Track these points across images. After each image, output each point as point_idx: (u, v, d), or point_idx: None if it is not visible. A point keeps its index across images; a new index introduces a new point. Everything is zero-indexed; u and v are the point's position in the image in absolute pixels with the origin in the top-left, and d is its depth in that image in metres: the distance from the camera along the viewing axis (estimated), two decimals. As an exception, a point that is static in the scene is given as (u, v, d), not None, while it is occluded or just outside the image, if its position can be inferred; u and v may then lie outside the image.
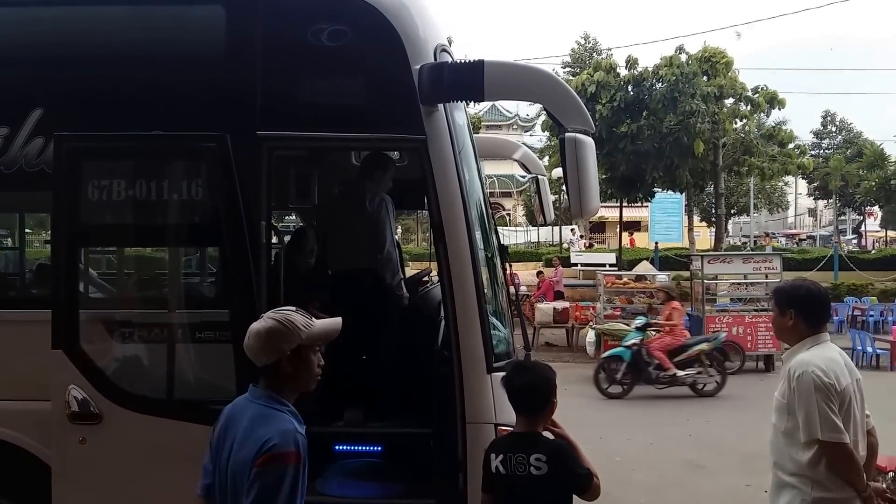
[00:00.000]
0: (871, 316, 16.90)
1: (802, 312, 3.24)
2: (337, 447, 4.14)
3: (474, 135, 4.29)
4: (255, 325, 2.19)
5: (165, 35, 3.64)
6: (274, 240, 4.98)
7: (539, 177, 5.37)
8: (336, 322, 2.31)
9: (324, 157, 5.50)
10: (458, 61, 3.28)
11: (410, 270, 6.70)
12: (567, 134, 3.14)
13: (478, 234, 3.39)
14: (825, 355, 3.13)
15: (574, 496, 2.79)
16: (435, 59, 3.31)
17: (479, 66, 3.17)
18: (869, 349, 13.01)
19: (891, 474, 3.76)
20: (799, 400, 3.04)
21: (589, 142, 3.16)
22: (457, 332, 3.29)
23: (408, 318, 4.63)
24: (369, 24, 3.35)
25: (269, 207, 3.63)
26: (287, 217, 9.02)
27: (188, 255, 5.49)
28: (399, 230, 36.71)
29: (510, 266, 4.21)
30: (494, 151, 5.73)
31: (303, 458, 2.11)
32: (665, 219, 32.89)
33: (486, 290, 3.38)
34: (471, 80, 3.17)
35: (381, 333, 4.23)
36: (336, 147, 4.62)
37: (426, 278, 5.64)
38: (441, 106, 3.30)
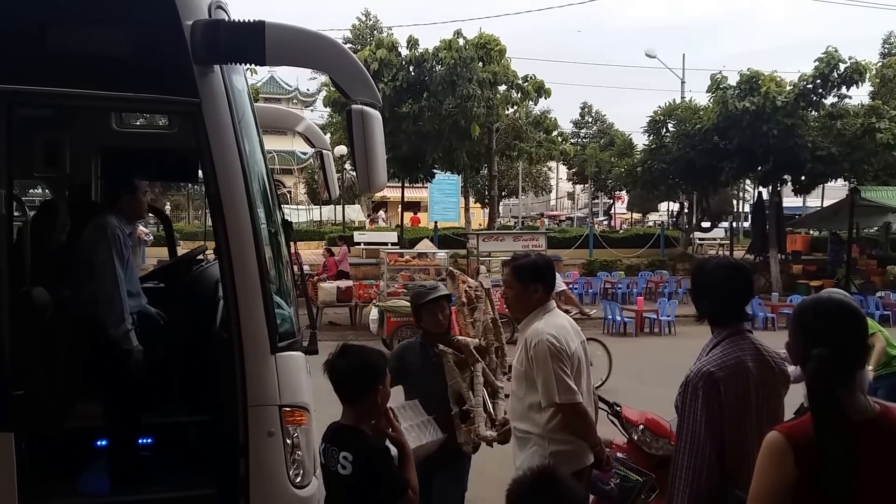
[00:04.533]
0: (620, 288, 18.95)
1: (546, 284, 3.49)
2: (99, 443, 3.76)
3: (255, 105, 4.04)
4: None
5: None
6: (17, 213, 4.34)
7: (323, 151, 5.22)
8: None
9: (79, 118, 4.90)
10: (237, 20, 3.04)
11: (182, 250, 6.24)
12: (354, 106, 3.05)
13: (260, 209, 3.19)
14: (556, 323, 3.37)
15: None
16: (210, 17, 3.04)
17: (259, 27, 2.95)
18: (618, 318, 14.58)
19: (640, 427, 4.21)
20: (537, 368, 3.26)
21: (376, 114, 3.10)
22: (237, 312, 3.08)
23: (180, 301, 4.31)
24: None
25: (9, 174, 3.12)
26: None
27: None
28: (168, 207, 34.31)
29: (294, 244, 4.06)
30: (276, 123, 5.46)
31: None
32: (444, 199, 34.20)
33: (269, 268, 3.21)
34: (250, 41, 2.94)
35: (114, 384, 3.78)
36: (95, 107, 4.10)
37: (201, 256, 5.28)
38: (217, 68, 3.03)
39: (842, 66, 17.96)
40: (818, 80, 18.17)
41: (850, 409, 1.93)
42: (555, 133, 23.69)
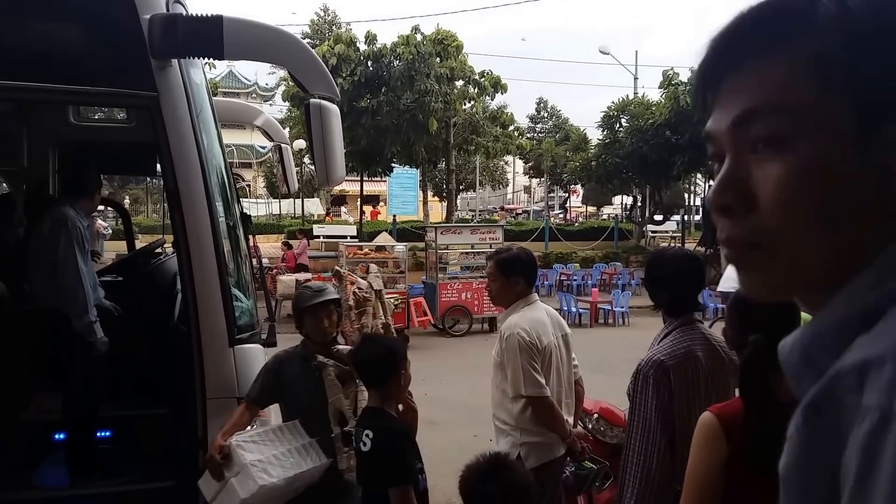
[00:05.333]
0: (575, 280, 19.23)
1: (528, 277, 3.57)
2: (57, 436, 3.74)
3: (214, 99, 4.03)
4: None
5: None
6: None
7: (282, 145, 5.22)
8: None
9: (36, 112, 4.82)
10: (195, 14, 3.04)
11: (140, 244, 6.18)
12: (312, 100, 3.09)
13: (218, 202, 3.21)
14: (531, 316, 3.44)
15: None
16: (167, 11, 3.05)
17: (217, 21, 2.96)
18: (573, 309, 14.82)
19: (595, 416, 4.32)
20: (507, 359, 3.34)
21: (334, 108, 3.14)
22: (195, 305, 3.10)
23: (138, 294, 4.29)
24: None
25: None
26: None
27: None
28: (127, 200, 33.61)
29: (253, 237, 4.07)
30: (235, 117, 5.44)
31: None
32: (402, 193, 34.21)
33: (227, 261, 3.24)
34: (209, 35, 2.95)
35: (75, 377, 3.75)
36: (51, 101, 4.05)
37: (159, 249, 5.25)
38: (175, 62, 3.04)
39: (789, 64, 18.48)
40: (766, 78, 18.67)
41: (780, 391, 2.03)
42: (511, 128, 23.88)
